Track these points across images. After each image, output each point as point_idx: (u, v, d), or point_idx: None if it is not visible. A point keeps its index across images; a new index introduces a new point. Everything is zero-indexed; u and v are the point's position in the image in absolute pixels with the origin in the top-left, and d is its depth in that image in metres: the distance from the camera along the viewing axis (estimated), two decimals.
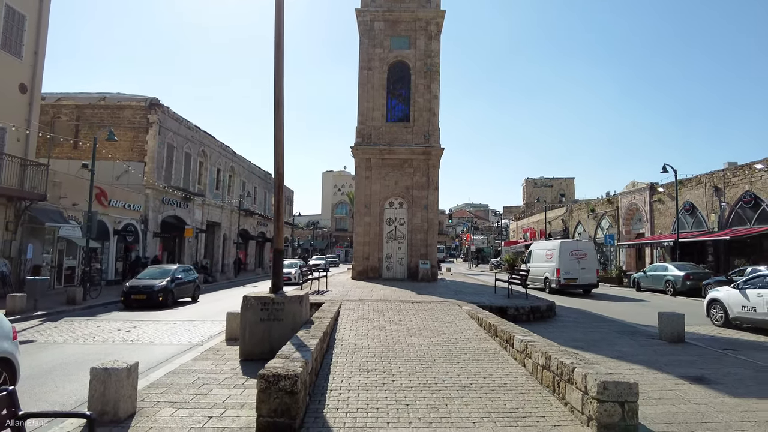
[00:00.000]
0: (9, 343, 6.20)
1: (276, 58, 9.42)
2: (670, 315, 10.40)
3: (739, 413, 5.62)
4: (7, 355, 6.10)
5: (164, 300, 17.05)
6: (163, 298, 16.98)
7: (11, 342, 6.26)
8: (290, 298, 8.50)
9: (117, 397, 5.24)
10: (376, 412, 5.47)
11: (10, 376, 6.11)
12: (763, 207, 24.58)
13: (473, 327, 9.96)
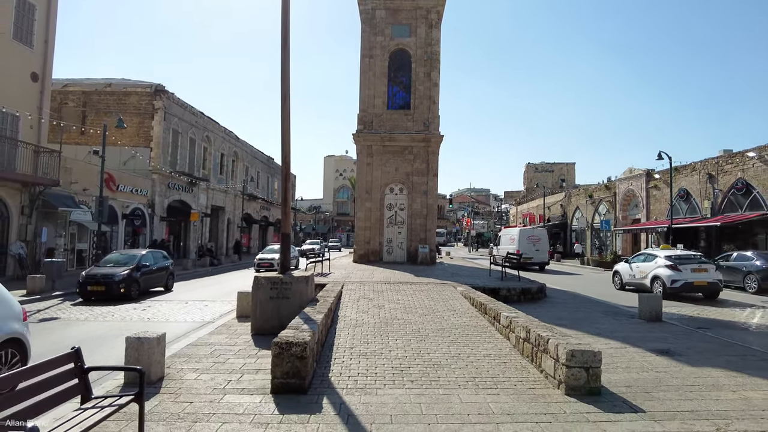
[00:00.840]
0: (20, 324, 6.42)
1: (282, 54, 10.04)
2: (649, 296, 11.19)
3: (691, 379, 6.41)
4: (19, 335, 6.31)
5: (127, 291, 14.61)
6: (125, 290, 14.55)
7: (22, 323, 6.47)
8: (297, 278, 9.29)
9: (149, 362, 6.04)
10: (375, 376, 6.28)
11: (22, 355, 6.34)
12: (755, 194, 25.21)
13: (465, 306, 10.77)
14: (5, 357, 6.02)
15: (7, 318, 6.16)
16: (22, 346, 6.34)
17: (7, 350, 6.09)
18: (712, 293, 15.78)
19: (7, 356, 6.06)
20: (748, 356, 7.76)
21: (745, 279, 18.10)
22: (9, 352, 6.11)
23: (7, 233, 19.33)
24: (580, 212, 44.03)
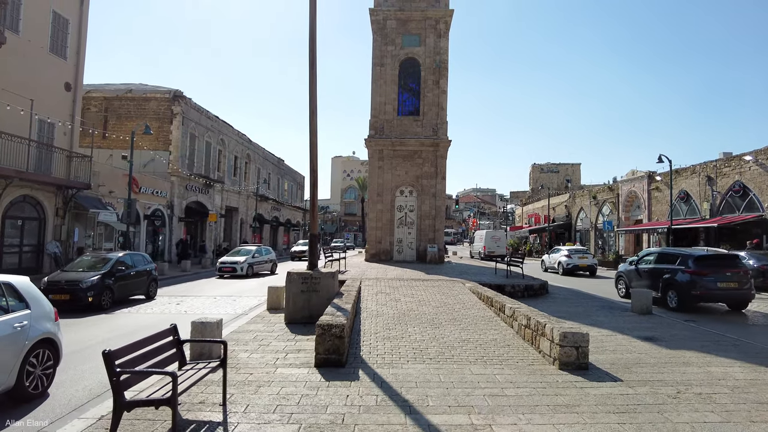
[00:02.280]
0: (52, 324, 6.48)
1: (310, 74, 11.25)
2: (640, 292, 12.32)
3: (666, 358, 7.56)
4: (51, 335, 6.35)
5: (96, 300, 12.62)
6: (94, 298, 12.55)
7: (53, 323, 6.53)
8: (325, 273, 10.51)
9: (211, 343, 7.25)
10: (399, 355, 7.47)
11: (55, 354, 6.39)
12: (751, 196, 26.19)
13: (474, 300, 11.95)
14: (41, 356, 6.09)
15: (41, 318, 6.25)
16: (54, 346, 6.41)
17: (43, 349, 6.14)
18: (591, 271, 25.75)
19: (41, 355, 6.10)
20: (721, 342, 8.89)
21: None
22: (44, 351, 6.17)
23: (43, 233, 20.68)
24: (584, 213, 45.01)
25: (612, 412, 5.22)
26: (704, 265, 13.19)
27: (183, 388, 4.57)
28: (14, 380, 5.56)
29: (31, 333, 5.90)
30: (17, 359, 5.61)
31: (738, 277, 12.99)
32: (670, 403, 5.50)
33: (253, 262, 23.65)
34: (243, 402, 5.43)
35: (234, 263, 22.96)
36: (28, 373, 5.81)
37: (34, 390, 5.91)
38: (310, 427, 4.74)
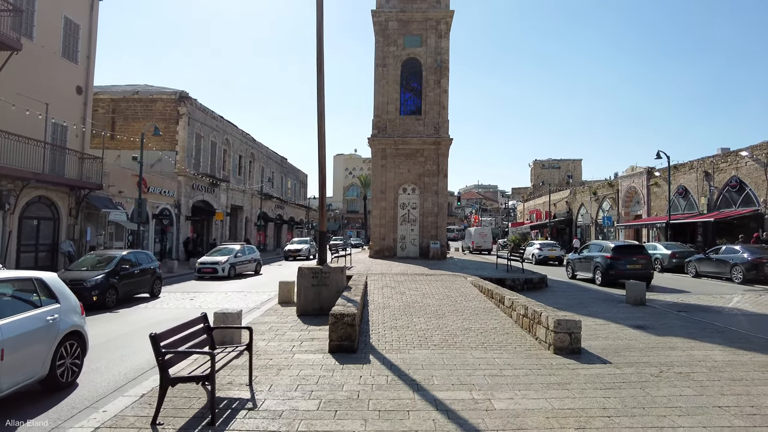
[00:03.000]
0: (79, 317, 6.86)
1: (318, 78, 11.81)
2: (634, 284, 12.90)
3: (653, 344, 8.15)
4: (78, 328, 6.73)
5: (101, 299, 12.84)
6: (99, 297, 12.78)
7: (80, 317, 6.91)
8: (334, 268, 11.11)
9: (232, 332, 7.87)
10: (405, 342, 8.07)
11: (82, 346, 6.77)
12: (747, 191, 26.70)
13: (475, 292, 12.54)
14: (69, 347, 6.45)
15: (69, 312, 6.62)
16: (82, 338, 6.79)
17: (72, 341, 6.50)
18: (559, 261, 27.83)
19: (71, 347, 6.48)
20: (707, 329, 9.47)
21: (732, 270, 19.66)
22: (72, 343, 6.53)
23: (57, 232, 21.32)
24: (584, 209, 45.53)
25: (599, 388, 5.81)
26: (618, 253, 17.65)
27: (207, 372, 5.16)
28: (48, 370, 6.01)
29: (61, 326, 6.33)
30: (50, 350, 6.07)
31: (641, 261, 17.57)
32: (652, 381, 6.09)
33: (235, 262, 22.24)
34: (267, 382, 6.04)
35: (215, 263, 21.48)
36: (59, 364, 6.23)
37: (65, 379, 6.36)
38: (329, 402, 5.34)
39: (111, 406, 5.26)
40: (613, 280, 17.18)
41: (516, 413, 5.00)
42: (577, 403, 5.30)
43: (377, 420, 4.83)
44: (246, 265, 23.42)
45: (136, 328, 10.55)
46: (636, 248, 18.77)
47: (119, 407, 5.21)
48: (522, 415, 4.94)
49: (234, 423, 4.76)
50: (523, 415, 4.96)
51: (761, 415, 4.95)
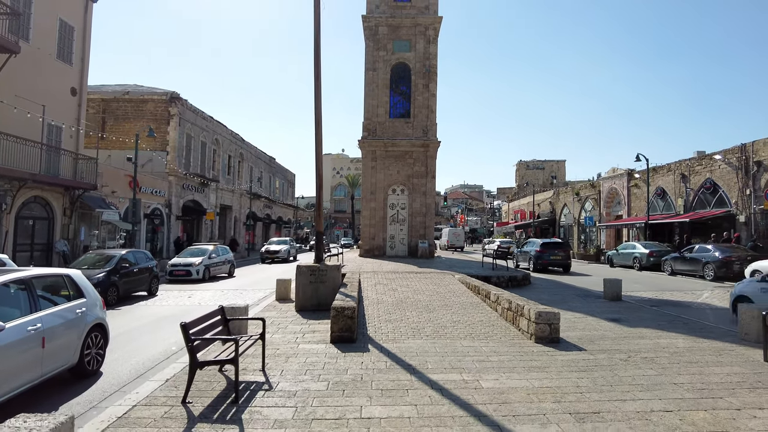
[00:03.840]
0: (101, 311, 7.43)
1: (315, 86, 12.46)
2: (612, 280, 13.80)
3: (625, 334, 8.98)
4: (101, 321, 7.32)
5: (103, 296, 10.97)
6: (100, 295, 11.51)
7: (102, 310, 7.50)
8: (330, 267, 11.79)
9: (240, 324, 8.50)
10: (399, 333, 8.78)
11: (104, 337, 7.38)
12: (720, 193, 27.94)
13: (462, 289, 13.31)
14: (94, 338, 7.04)
15: (93, 306, 7.20)
16: (104, 330, 7.39)
17: (96, 333, 7.10)
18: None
19: (95, 338, 7.08)
20: (675, 321, 10.35)
21: (704, 268, 20.75)
22: (97, 335, 7.15)
23: (52, 232, 21.62)
24: (567, 209, 46.73)
25: (574, 371, 6.59)
26: (544, 247, 24.09)
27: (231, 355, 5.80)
28: (77, 358, 6.65)
29: (88, 318, 6.95)
30: (80, 340, 6.70)
31: (561, 254, 23.74)
32: (620, 364, 6.89)
33: (209, 263, 21.23)
34: (278, 368, 6.70)
35: (188, 265, 20.40)
36: (86, 353, 6.83)
37: (91, 367, 6.96)
38: (337, 383, 6.03)
39: (142, 389, 5.88)
40: (542, 267, 23.39)
41: (501, 391, 5.74)
42: (555, 383, 6.06)
43: (381, 397, 5.53)
44: (220, 266, 22.35)
45: (143, 323, 11.10)
46: (558, 244, 26.02)
47: (149, 389, 5.83)
48: (506, 392, 5.68)
49: (255, 401, 5.42)
50: (507, 392, 5.70)
51: (708, 389, 5.76)
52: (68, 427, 3.32)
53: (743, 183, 25.95)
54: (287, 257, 33.34)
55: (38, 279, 6.21)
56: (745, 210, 25.92)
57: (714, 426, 4.70)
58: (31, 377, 5.56)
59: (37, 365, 5.63)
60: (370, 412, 5.05)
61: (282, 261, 32.72)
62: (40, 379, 5.76)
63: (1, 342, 5.01)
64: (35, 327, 5.62)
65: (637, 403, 5.33)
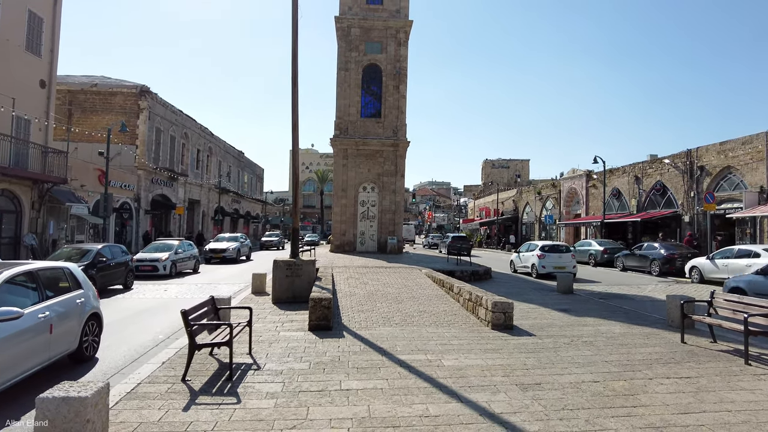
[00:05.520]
0: (96, 301, 7.93)
1: (293, 91, 13.14)
2: (564, 275, 15.06)
3: (571, 322, 10.13)
4: (97, 310, 7.80)
5: None
6: None
7: (97, 300, 8.03)
8: (306, 261, 12.55)
9: (226, 312, 9.18)
10: (371, 322, 9.66)
11: (99, 325, 7.89)
12: (669, 195, 29.99)
13: (429, 282, 14.30)
14: (91, 327, 7.57)
15: (90, 296, 7.70)
16: (99, 319, 7.90)
17: (92, 322, 7.62)
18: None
19: (92, 326, 7.63)
20: (617, 312, 11.60)
21: (651, 264, 22.47)
22: (93, 323, 7.68)
23: (20, 226, 21.49)
24: (529, 207, 48.64)
25: (523, 352, 7.61)
26: (455, 240, 30.83)
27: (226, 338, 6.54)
28: (77, 344, 7.24)
29: (86, 308, 7.58)
30: (79, 327, 7.29)
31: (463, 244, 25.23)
32: (563, 347, 7.96)
33: (176, 259, 20.71)
34: (263, 352, 7.47)
35: (154, 261, 19.85)
36: (84, 340, 7.40)
37: (88, 353, 7.56)
38: (317, 363, 6.85)
39: (142, 370, 6.56)
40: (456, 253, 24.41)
41: (460, 368, 6.69)
42: (506, 361, 7.06)
43: (357, 373, 6.39)
44: (186, 262, 21.68)
45: (126, 315, 11.60)
46: (462, 238, 36.75)
47: (149, 370, 6.51)
48: (464, 369, 6.64)
49: (247, 378, 6.19)
50: (465, 369, 6.66)
51: (631, 364, 6.89)
52: (106, 390, 4.04)
53: (688, 186, 28.00)
54: (236, 257, 27.72)
55: (43, 271, 6.77)
56: (689, 211, 27.97)
57: (629, 391, 5.78)
58: (41, 359, 6.15)
59: (45, 349, 6.22)
60: (349, 385, 5.91)
61: (230, 261, 27.18)
62: (48, 362, 6.35)
63: (19, 327, 5.61)
64: (44, 315, 6.22)
65: (572, 376, 6.38)
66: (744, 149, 24.42)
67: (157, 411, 5.06)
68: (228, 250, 27.24)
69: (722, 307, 8.17)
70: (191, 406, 5.21)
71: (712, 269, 18.42)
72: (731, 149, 25.25)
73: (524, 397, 5.55)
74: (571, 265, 20.48)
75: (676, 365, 6.91)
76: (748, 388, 5.97)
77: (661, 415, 5.08)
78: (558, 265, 20.32)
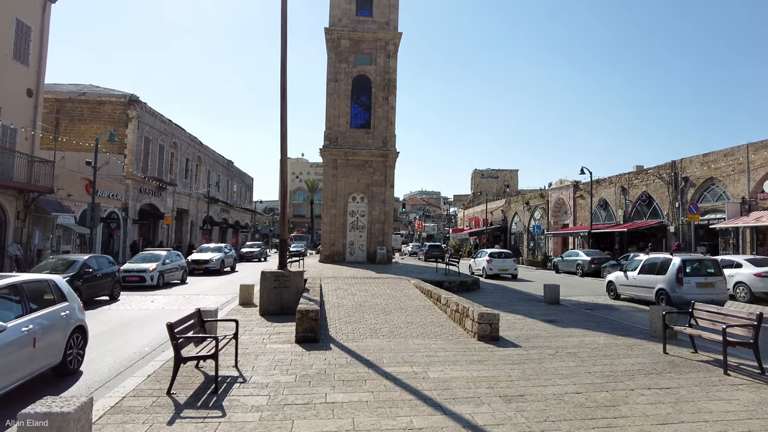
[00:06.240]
0: (81, 313, 7.93)
1: (282, 104, 13.22)
2: (551, 286, 15.21)
3: (557, 333, 10.23)
4: (82, 323, 7.80)
5: None
6: None
7: (83, 313, 8.02)
8: (294, 272, 12.55)
9: (212, 325, 9.16)
10: (358, 333, 9.69)
11: (84, 338, 7.89)
12: (654, 205, 30.43)
13: (417, 293, 14.36)
14: (75, 340, 7.54)
15: (75, 309, 7.71)
16: (84, 332, 7.92)
17: (77, 335, 7.59)
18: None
19: (77, 339, 7.60)
20: (602, 322, 11.74)
21: None
22: (78, 336, 7.66)
23: (4, 236, 21.22)
24: (518, 217, 48.98)
25: (508, 363, 7.69)
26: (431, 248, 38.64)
27: (212, 351, 6.54)
28: (61, 358, 7.18)
29: (71, 320, 7.54)
30: (64, 340, 7.23)
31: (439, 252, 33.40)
32: (548, 358, 8.05)
33: (163, 269, 20.47)
34: (249, 364, 7.46)
35: (141, 271, 19.56)
36: (68, 353, 7.32)
37: (73, 366, 7.48)
38: (303, 376, 6.87)
39: (127, 383, 6.52)
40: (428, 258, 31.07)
41: (445, 380, 6.75)
42: (491, 373, 7.12)
43: (343, 386, 6.42)
44: (173, 273, 21.50)
45: (111, 327, 11.50)
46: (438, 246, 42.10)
47: (134, 384, 6.48)
48: (449, 381, 6.69)
49: (232, 391, 6.19)
50: (450, 381, 6.71)
51: (614, 375, 6.99)
52: (89, 405, 4.04)
53: (673, 197, 28.44)
54: (219, 268, 26.85)
55: (27, 284, 6.73)
56: (674, 221, 28.39)
57: (611, 402, 5.87)
58: (24, 374, 6.10)
59: (28, 363, 6.17)
60: (334, 398, 5.94)
61: (214, 273, 26.43)
62: (30, 376, 6.30)
63: (2, 341, 5.57)
64: (28, 328, 6.18)
65: (555, 387, 6.46)
66: (726, 161, 24.91)
67: (141, 425, 5.05)
68: (211, 261, 26.59)
69: (702, 317, 8.32)
70: (176, 420, 5.21)
71: None
72: (714, 161, 25.74)
73: (507, 409, 5.62)
74: (512, 267, 25.96)
75: (658, 376, 7.03)
76: (725, 398, 6.09)
77: (641, 426, 5.17)
78: (502, 267, 25.48)
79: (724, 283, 14.80)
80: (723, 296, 14.56)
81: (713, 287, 14.28)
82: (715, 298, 13.93)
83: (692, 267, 14.61)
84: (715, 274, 14.58)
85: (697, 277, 14.40)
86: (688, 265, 14.57)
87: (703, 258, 15.73)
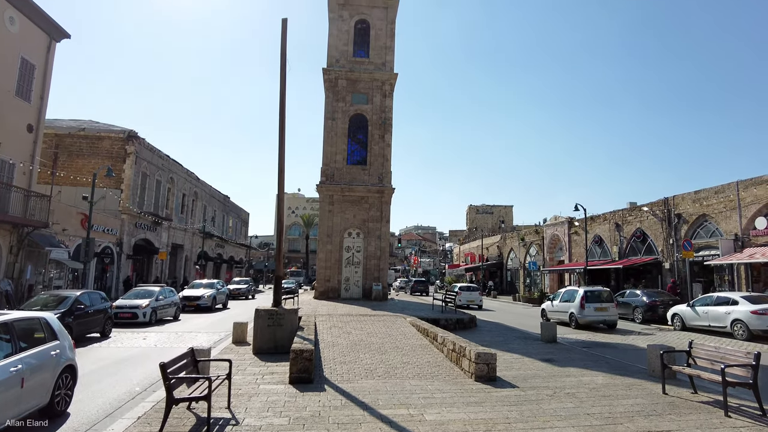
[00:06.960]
0: (72, 352, 7.73)
1: (279, 141, 13.42)
2: (547, 324, 15.11)
3: (555, 372, 10.10)
4: (72, 362, 7.61)
5: None
6: None
7: (73, 352, 7.84)
8: (288, 310, 12.43)
9: (205, 364, 9.01)
10: (354, 374, 9.53)
11: (74, 377, 7.68)
12: (649, 242, 30.58)
13: (413, 331, 14.20)
14: (64, 380, 7.31)
15: (66, 348, 7.54)
16: (74, 371, 7.72)
17: (66, 375, 7.36)
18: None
19: (65, 379, 7.36)
20: (599, 361, 11.61)
21: (633, 311, 22.62)
22: (68, 376, 7.44)
23: None
24: (514, 253, 49.01)
25: (506, 405, 7.56)
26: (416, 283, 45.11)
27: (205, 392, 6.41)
28: (48, 398, 7.00)
29: (61, 360, 7.39)
30: (52, 380, 7.06)
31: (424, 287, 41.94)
32: (546, 399, 7.93)
33: (157, 306, 20.14)
34: (242, 406, 7.30)
35: (134, 308, 19.19)
36: (56, 394, 7.12)
37: (60, 408, 7.25)
38: (297, 419, 6.72)
39: (116, 425, 6.36)
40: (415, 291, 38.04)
41: (442, 422, 6.61)
42: (488, 415, 6.99)
43: (337, 429, 6.28)
44: (167, 309, 21.13)
45: (102, 365, 11.27)
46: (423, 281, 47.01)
47: (123, 426, 6.32)
48: (446, 423, 6.56)
49: None
50: (447, 423, 6.58)
51: (613, 417, 6.87)
52: None
53: (667, 233, 28.63)
54: (210, 305, 26.26)
55: (18, 322, 6.64)
56: (669, 257, 28.48)
57: None
58: (10, 415, 5.94)
59: (15, 404, 6.02)
60: None
61: (205, 310, 25.83)
62: (17, 417, 6.14)
63: None
64: (17, 368, 6.06)
65: (553, 430, 6.35)
66: (717, 198, 25.23)
67: None
68: (202, 297, 26.02)
69: (700, 357, 8.27)
70: None
71: (693, 316, 18.64)
72: (705, 198, 26.07)
73: None
74: (478, 299, 30.47)
75: (658, 418, 6.92)
76: None
77: None
78: (469, 299, 29.58)
79: (614, 309, 19.66)
80: (613, 318, 19.40)
81: (607, 311, 19.25)
82: (607, 319, 19.20)
83: (592, 295, 19.59)
84: (608, 300, 19.66)
85: (595, 303, 19.23)
86: (589, 294, 19.58)
87: (600, 289, 20.45)
